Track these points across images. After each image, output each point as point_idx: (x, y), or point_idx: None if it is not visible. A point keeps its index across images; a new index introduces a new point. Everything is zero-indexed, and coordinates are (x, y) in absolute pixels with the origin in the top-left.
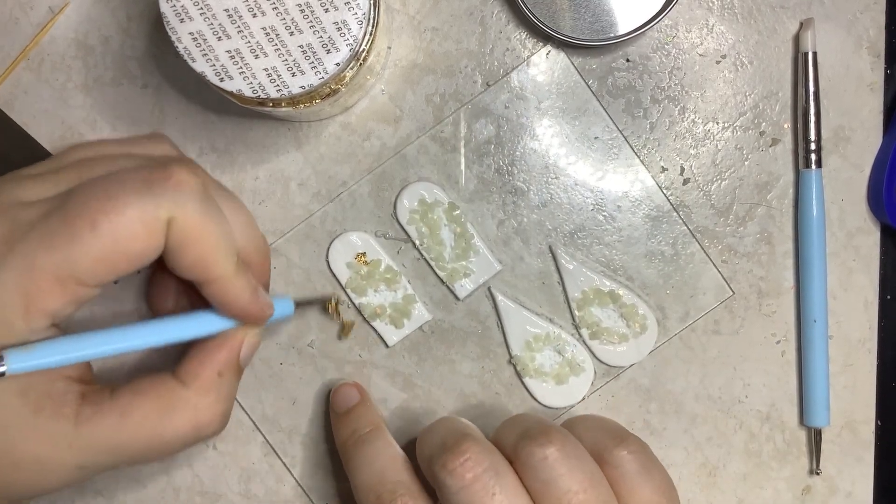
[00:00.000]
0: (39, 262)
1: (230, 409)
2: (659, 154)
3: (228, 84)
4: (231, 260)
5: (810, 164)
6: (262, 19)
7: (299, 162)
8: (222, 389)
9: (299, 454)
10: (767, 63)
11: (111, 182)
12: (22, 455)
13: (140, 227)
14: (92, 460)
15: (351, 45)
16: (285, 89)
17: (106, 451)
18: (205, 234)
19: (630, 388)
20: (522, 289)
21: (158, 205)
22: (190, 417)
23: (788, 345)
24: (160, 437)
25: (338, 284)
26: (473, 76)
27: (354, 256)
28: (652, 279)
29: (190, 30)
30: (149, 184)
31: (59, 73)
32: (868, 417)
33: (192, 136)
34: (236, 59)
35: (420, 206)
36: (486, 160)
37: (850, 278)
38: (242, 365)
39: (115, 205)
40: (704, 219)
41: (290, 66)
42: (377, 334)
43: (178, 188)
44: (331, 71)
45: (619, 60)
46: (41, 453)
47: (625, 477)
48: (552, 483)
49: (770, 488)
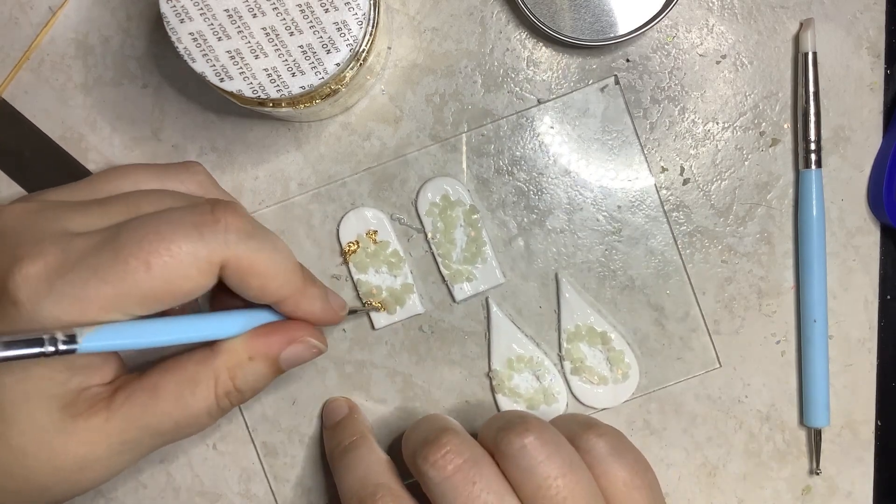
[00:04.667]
0: (90, 293)
1: (251, 393)
2: (659, 154)
3: (228, 84)
4: (293, 279)
5: (810, 164)
6: (262, 19)
7: (299, 162)
8: (248, 373)
9: (299, 454)
10: (767, 63)
11: (163, 223)
12: (62, 460)
13: (192, 268)
14: (128, 445)
15: (351, 46)
16: (285, 89)
17: (139, 431)
18: (259, 267)
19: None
20: (518, 307)
21: (210, 249)
22: (211, 387)
23: (788, 345)
24: (187, 410)
25: (339, 252)
26: (473, 76)
27: (366, 232)
28: (645, 327)
29: (190, 30)
30: (199, 227)
31: (59, 73)
32: (868, 417)
33: (192, 136)
34: (236, 60)
35: (442, 201)
36: (486, 160)
37: (850, 278)
38: (283, 363)
39: (168, 247)
40: (704, 219)
41: (290, 67)
42: (367, 315)
43: (227, 231)
44: (331, 71)
45: (619, 60)
46: (79, 454)
47: (597, 459)
48: (531, 470)
49: (770, 488)
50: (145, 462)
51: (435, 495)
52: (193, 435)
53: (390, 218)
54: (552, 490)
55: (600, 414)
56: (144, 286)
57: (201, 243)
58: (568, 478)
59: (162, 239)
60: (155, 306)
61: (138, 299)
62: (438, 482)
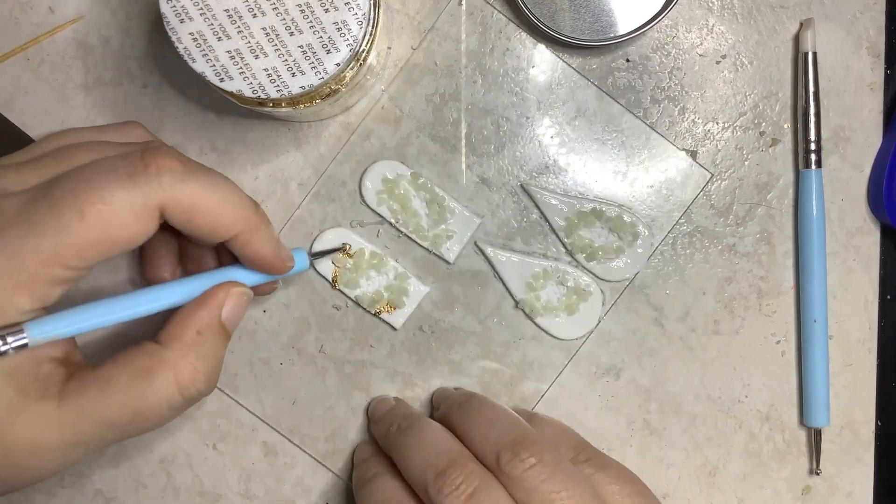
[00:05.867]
0: (27, 247)
1: (215, 369)
2: None
3: (228, 84)
4: (245, 214)
5: (810, 164)
6: (262, 19)
7: (299, 162)
8: (203, 348)
9: (300, 454)
10: (767, 63)
11: (95, 172)
12: (11, 441)
13: (128, 215)
14: (81, 437)
15: (351, 46)
16: (285, 89)
17: (92, 423)
18: (203, 205)
19: (630, 388)
20: (507, 234)
21: (144, 193)
22: (170, 379)
23: (788, 345)
24: (144, 402)
25: (328, 283)
26: (473, 76)
27: (339, 254)
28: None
29: (190, 30)
30: (131, 173)
31: (59, 73)
32: (868, 417)
33: (192, 136)
34: (236, 60)
35: (385, 185)
36: (486, 160)
37: (850, 278)
38: (227, 324)
39: (100, 195)
40: (704, 219)
41: (290, 67)
42: (384, 322)
43: (159, 174)
44: (331, 71)
45: (619, 60)
46: (29, 437)
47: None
48: (536, 490)
49: (770, 488)
50: (145, 462)
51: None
52: (153, 430)
53: (350, 227)
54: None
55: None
56: (81, 236)
57: (134, 189)
58: (571, 490)
59: (94, 188)
60: (95, 257)
61: (77, 251)
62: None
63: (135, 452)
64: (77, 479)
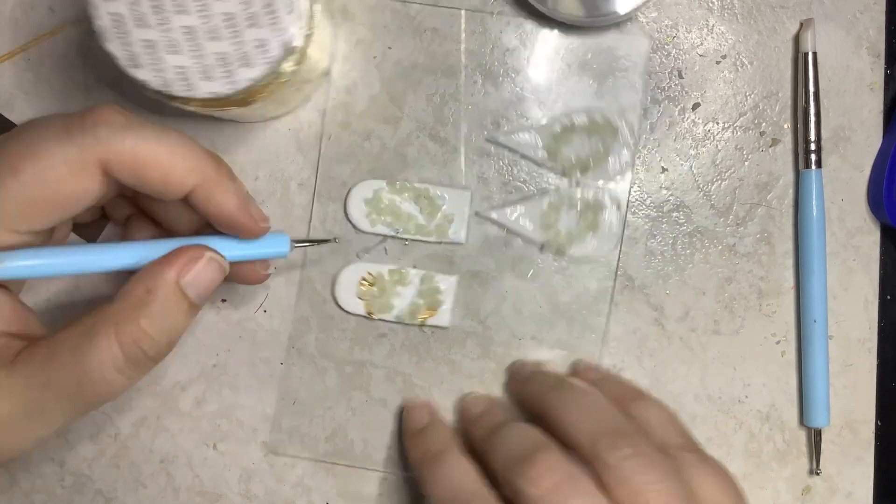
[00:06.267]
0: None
1: (166, 335)
2: (659, 154)
3: (137, 72)
4: (200, 165)
5: (810, 164)
6: (185, 17)
7: (299, 162)
8: (152, 307)
9: (299, 454)
10: (767, 63)
11: (31, 129)
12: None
13: (65, 169)
14: (32, 405)
15: (269, 65)
16: (192, 91)
17: (42, 390)
18: (149, 156)
19: None
20: (500, 188)
21: (80, 146)
22: (111, 337)
23: (788, 345)
24: (86, 364)
25: (363, 318)
26: (473, 76)
27: (361, 287)
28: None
29: (111, 10)
30: (67, 127)
31: (60, 73)
32: (868, 417)
33: (192, 136)
34: (150, 50)
35: (368, 205)
36: (486, 160)
37: (850, 278)
38: (187, 288)
39: (33, 151)
40: (704, 219)
41: (203, 70)
42: (434, 326)
43: (95, 125)
44: (242, 86)
45: (621, 60)
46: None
47: (686, 464)
48: (629, 480)
49: (770, 488)
50: (145, 462)
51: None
52: (110, 399)
53: (357, 258)
54: (661, 499)
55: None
56: (19, 194)
57: (69, 142)
58: (663, 485)
59: (27, 143)
60: (39, 218)
61: (16, 210)
62: (536, 499)
63: (135, 452)
64: (77, 478)
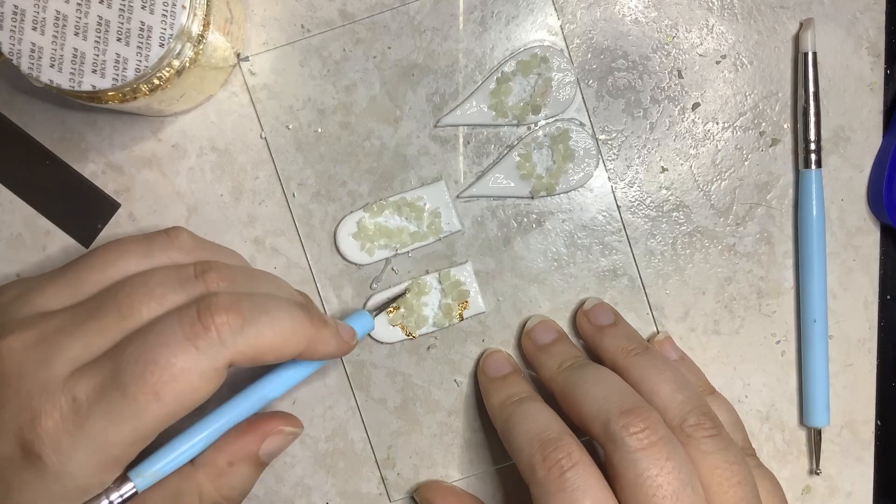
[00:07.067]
0: (110, 438)
1: (241, 496)
2: (659, 154)
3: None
4: (302, 332)
5: (810, 164)
6: (59, 3)
7: (299, 162)
8: (232, 478)
9: (299, 454)
10: (767, 63)
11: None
12: None
13: (199, 381)
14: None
15: (138, 70)
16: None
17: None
18: (266, 347)
19: None
20: (471, 168)
21: (210, 357)
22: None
23: (788, 345)
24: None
25: (405, 338)
26: (473, 76)
27: (389, 314)
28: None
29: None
30: (192, 340)
31: None
32: (868, 417)
33: (191, 137)
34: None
35: (357, 239)
36: (486, 160)
37: (850, 278)
38: (263, 458)
39: (171, 373)
40: (704, 219)
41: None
42: (470, 317)
43: (219, 334)
44: (101, 87)
45: (619, 60)
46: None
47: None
48: (712, 455)
49: None
50: None
51: (625, 462)
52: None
53: (371, 288)
54: (735, 478)
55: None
56: (160, 414)
57: (200, 356)
58: (740, 467)
59: (162, 367)
60: (172, 421)
61: (157, 426)
62: (635, 451)
63: None
64: None
